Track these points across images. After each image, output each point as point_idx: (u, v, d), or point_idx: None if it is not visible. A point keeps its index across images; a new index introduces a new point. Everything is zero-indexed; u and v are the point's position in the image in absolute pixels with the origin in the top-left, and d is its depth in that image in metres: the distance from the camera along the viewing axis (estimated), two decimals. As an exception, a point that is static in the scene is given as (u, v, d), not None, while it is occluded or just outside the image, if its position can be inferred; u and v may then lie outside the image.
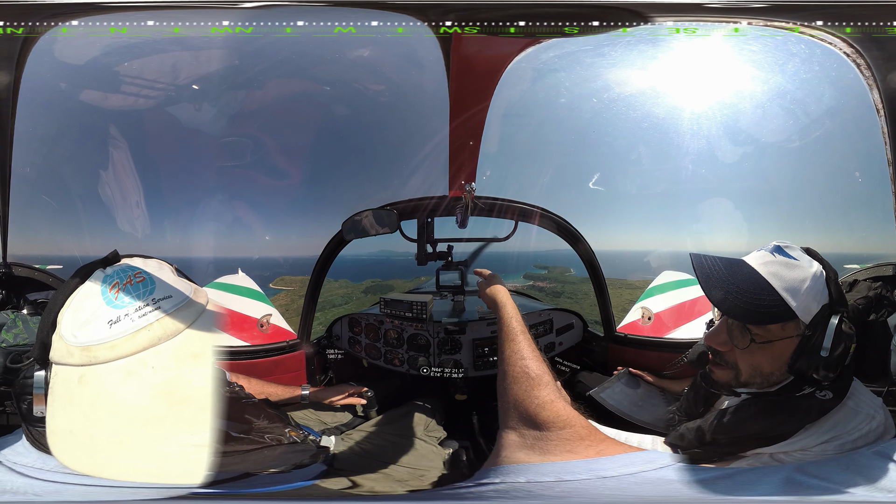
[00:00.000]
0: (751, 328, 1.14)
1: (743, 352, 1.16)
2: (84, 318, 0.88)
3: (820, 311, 1.10)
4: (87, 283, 0.93)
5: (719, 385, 1.27)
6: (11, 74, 1.64)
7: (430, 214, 2.20)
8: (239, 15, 1.55)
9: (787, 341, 1.12)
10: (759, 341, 1.13)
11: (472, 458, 1.84)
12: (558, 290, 4.12)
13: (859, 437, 1.10)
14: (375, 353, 2.47)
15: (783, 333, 1.12)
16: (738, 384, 1.21)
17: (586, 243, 2.51)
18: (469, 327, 2.31)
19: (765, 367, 1.16)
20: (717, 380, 1.26)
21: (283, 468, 1.29)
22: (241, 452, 1.27)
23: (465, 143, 2.01)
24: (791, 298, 1.10)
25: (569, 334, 2.63)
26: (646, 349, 2.40)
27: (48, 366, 0.91)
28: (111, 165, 2.28)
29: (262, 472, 1.23)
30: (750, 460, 1.20)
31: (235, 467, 1.17)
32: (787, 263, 1.13)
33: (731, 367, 1.20)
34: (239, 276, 3.02)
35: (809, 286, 1.10)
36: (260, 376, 2.36)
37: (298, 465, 1.35)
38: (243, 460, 1.26)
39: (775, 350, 1.13)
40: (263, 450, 1.35)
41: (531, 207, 2.35)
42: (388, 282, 14.07)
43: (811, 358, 1.09)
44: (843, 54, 1.37)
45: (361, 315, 2.57)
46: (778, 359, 1.13)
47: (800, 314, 1.10)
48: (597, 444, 1.06)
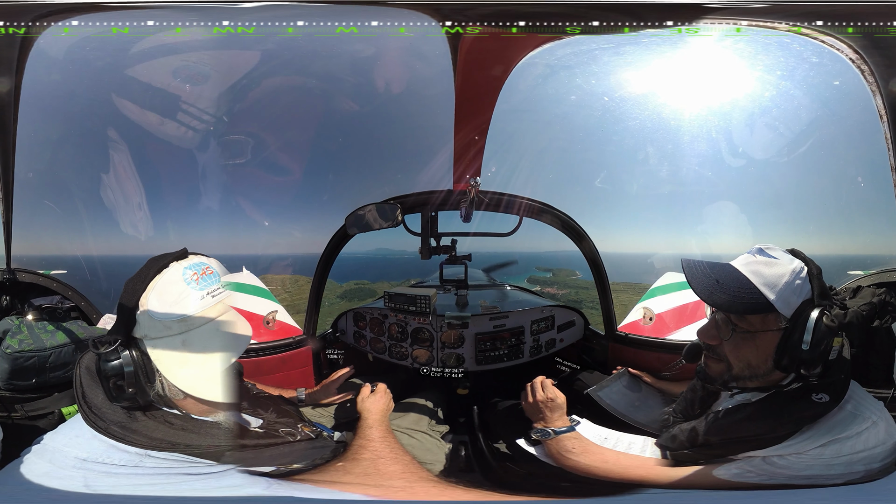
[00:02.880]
0: (733, 319, 1.23)
1: (730, 344, 1.25)
2: (172, 299, 1.17)
3: (801, 305, 1.17)
4: (168, 274, 1.19)
5: (714, 379, 1.34)
6: (12, 80, 1.65)
7: (434, 208, 2.21)
8: (244, 15, 1.56)
9: (770, 334, 1.19)
10: (740, 331, 1.23)
11: (470, 454, 1.86)
12: (572, 296, 4.04)
13: (858, 442, 1.11)
14: (380, 347, 2.50)
15: (764, 325, 1.20)
16: (730, 377, 1.29)
17: (590, 241, 2.52)
18: (472, 321, 2.33)
19: (751, 359, 1.23)
20: (711, 374, 1.34)
21: (304, 464, 1.32)
22: (260, 447, 1.33)
23: (470, 138, 2.02)
24: (769, 292, 1.17)
25: (570, 331, 2.64)
26: (646, 349, 2.41)
27: (133, 345, 1.15)
28: (112, 168, 2.31)
29: (283, 467, 1.27)
30: (741, 463, 1.21)
31: (255, 462, 1.24)
32: (767, 262, 1.21)
33: (723, 359, 1.29)
34: (244, 275, 3.04)
35: (788, 281, 1.17)
36: (267, 373, 2.40)
37: (318, 460, 1.37)
38: (262, 455, 1.31)
39: (759, 341, 1.21)
40: (281, 445, 1.38)
41: (536, 203, 2.36)
42: (374, 285, 13.93)
43: (794, 350, 1.15)
44: (848, 60, 1.37)
45: (366, 309, 2.59)
46: (763, 351, 1.21)
47: (779, 307, 1.17)
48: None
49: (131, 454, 1.10)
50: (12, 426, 1.87)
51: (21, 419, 1.99)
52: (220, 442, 1.19)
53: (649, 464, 1.37)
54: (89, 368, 1.19)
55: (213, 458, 1.14)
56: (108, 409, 1.14)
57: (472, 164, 2.16)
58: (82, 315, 2.42)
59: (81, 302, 2.45)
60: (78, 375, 1.20)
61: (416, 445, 1.78)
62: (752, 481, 1.18)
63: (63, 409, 2.08)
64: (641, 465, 1.37)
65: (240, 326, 1.28)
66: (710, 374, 1.35)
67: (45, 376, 2.07)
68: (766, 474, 1.18)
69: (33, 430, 1.95)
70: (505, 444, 1.85)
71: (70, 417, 1.98)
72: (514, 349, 2.41)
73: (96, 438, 1.12)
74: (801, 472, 1.15)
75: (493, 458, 1.77)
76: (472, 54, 1.75)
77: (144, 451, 1.11)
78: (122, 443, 1.11)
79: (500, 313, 2.40)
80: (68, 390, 2.10)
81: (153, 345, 1.16)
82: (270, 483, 1.10)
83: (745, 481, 1.18)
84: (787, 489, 1.14)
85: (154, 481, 1.06)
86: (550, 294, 5.36)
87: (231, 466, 1.13)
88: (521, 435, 1.59)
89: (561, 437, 1.47)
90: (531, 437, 1.55)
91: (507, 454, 1.79)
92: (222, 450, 1.18)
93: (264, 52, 1.99)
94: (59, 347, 2.12)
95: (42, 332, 2.13)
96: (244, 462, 1.17)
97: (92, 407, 1.15)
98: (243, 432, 1.33)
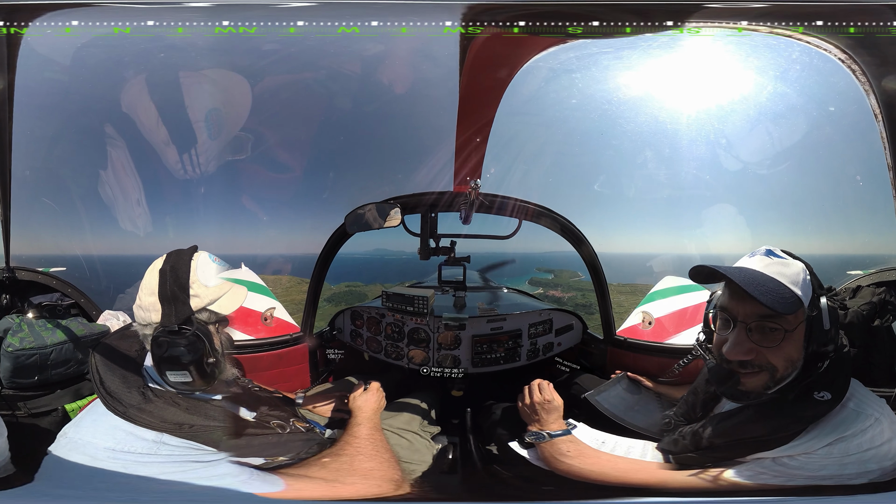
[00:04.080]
0: (776, 322, 1.24)
1: (777, 348, 1.25)
2: (213, 271, 1.46)
3: (813, 295, 1.26)
4: (200, 259, 1.43)
5: (756, 393, 1.29)
6: (6, 77, 1.67)
7: (434, 210, 2.22)
8: (243, 15, 1.58)
9: (801, 327, 1.25)
10: (788, 331, 1.24)
11: (457, 456, 1.84)
12: (579, 300, 3.97)
13: (864, 440, 1.13)
14: (376, 347, 2.49)
15: (797, 321, 1.25)
16: (774, 383, 1.27)
17: (589, 245, 2.51)
18: (469, 323, 2.32)
19: (794, 356, 1.25)
20: (751, 389, 1.29)
21: (290, 457, 1.36)
22: (250, 436, 1.39)
23: (472, 140, 2.03)
24: (796, 289, 1.24)
25: (568, 335, 2.63)
26: (645, 354, 2.40)
27: (190, 322, 1.34)
28: (111, 165, 2.32)
29: (269, 458, 1.32)
30: (752, 465, 1.22)
31: (245, 452, 1.31)
32: (783, 263, 1.28)
33: (765, 368, 1.26)
34: (242, 271, 3.04)
35: (803, 278, 1.27)
36: (264, 369, 2.39)
37: (305, 454, 1.40)
38: (252, 445, 1.36)
39: (796, 336, 1.25)
40: (269, 436, 1.42)
41: (536, 206, 2.36)
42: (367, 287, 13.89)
43: (819, 334, 1.23)
44: (838, 60, 1.38)
45: (363, 308, 2.59)
46: (799, 344, 1.25)
47: (805, 301, 1.25)
48: None
49: (148, 442, 1.22)
50: (17, 424, 1.92)
51: (25, 417, 1.99)
52: (216, 423, 1.31)
53: (651, 467, 1.36)
54: (104, 357, 1.34)
55: (211, 441, 1.26)
56: (125, 394, 1.27)
57: (473, 166, 2.17)
58: (82, 312, 2.43)
59: (81, 299, 2.46)
60: (94, 364, 1.33)
61: (406, 445, 1.77)
62: (767, 482, 1.19)
63: (66, 405, 2.08)
64: (643, 468, 1.36)
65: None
66: (749, 390, 1.30)
67: (47, 373, 2.08)
68: (784, 476, 1.18)
69: (38, 427, 1.98)
70: (497, 447, 1.83)
71: (74, 414, 2.03)
72: (511, 352, 2.39)
73: (119, 429, 1.23)
74: (817, 473, 1.16)
75: (479, 460, 1.76)
76: (479, 56, 1.77)
77: (160, 437, 1.23)
78: (140, 426, 1.23)
79: (498, 316, 2.39)
80: (70, 387, 2.11)
81: (217, 307, 1.42)
82: (253, 473, 1.17)
83: (760, 483, 1.20)
84: (809, 492, 1.15)
85: (169, 468, 1.19)
86: (555, 298, 5.29)
87: (223, 456, 1.23)
88: (515, 437, 1.58)
89: (556, 441, 1.45)
90: (525, 440, 1.53)
91: (495, 456, 1.77)
92: (218, 433, 1.28)
93: (265, 51, 2.01)
94: (60, 344, 2.12)
95: (43, 329, 2.13)
96: (235, 450, 1.25)
97: (111, 393, 1.27)
98: (237, 420, 1.39)
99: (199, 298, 1.38)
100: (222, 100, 2.19)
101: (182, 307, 1.34)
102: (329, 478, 1.26)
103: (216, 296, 1.43)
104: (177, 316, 1.33)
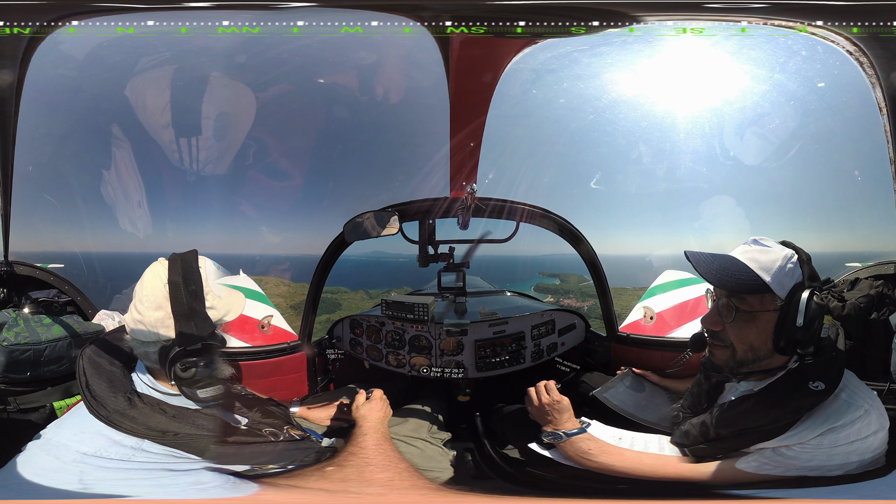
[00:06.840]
0: (735, 302, 1.31)
1: (733, 326, 1.32)
2: (218, 282, 1.40)
3: (794, 287, 1.27)
4: (207, 266, 1.37)
5: (720, 367, 1.41)
6: (14, 74, 1.65)
7: (431, 216, 2.20)
8: (244, 16, 1.56)
9: (768, 315, 1.28)
10: (742, 312, 1.30)
11: (478, 460, 1.83)
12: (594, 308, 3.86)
13: (851, 431, 1.15)
14: (377, 355, 2.47)
15: (762, 306, 1.29)
16: (735, 363, 1.35)
17: (588, 244, 2.51)
18: (471, 328, 2.31)
19: (753, 340, 1.31)
20: (717, 362, 1.41)
21: (284, 465, 1.34)
22: (240, 444, 1.36)
23: (465, 145, 2.01)
24: (765, 275, 1.27)
25: (571, 335, 2.63)
26: (649, 348, 2.40)
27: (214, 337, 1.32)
28: (114, 165, 2.29)
29: (263, 466, 1.30)
30: (756, 455, 1.24)
31: (235, 459, 1.28)
32: (761, 250, 1.32)
33: (727, 344, 1.35)
34: (240, 278, 3.01)
35: (780, 265, 1.27)
36: (261, 377, 2.37)
37: (301, 463, 1.38)
38: (242, 452, 1.33)
39: (759, 322, 1.29)
40: (261, 444, 1.39)
41: (533, 208, 2.35)
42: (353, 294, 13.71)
43: (789, 329, 1.24)
44: (845, 52, 1.38)
45: (363, 317, 2.56)
46: (763, 332, 1.29)
47: (774, 288, 1.27)
48: None
49: (126, 448, 1.17)
50: (5, 419, 1.91)
51: (14, 412, 1.96)
52: (205, 432, 1.26)
53: (673, 461, 1.39)
54: (92, 359, 1.29)
55: (197, 449, 1.22)
56: (110, 398, 1.22)
57: (469, 172, 2.15)
58: (78, 310, 2.41)
59: (78, 297, 2.45)
60: (81, 366, 1.27)
61: (416, 453, 1.74)
62: (772, 473, 1.21)
63: (55, 403, 2.05)
64: (667, 462, 1.40)
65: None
66: (716, 362, 1.42)
67: (40, 370, 2.05)
68: (783, 466, 1.21)
69: (26, 423, 1.96)
70: (517, 450, 1.82)
71: (61, 412, 2.01)
72: (515, 354, 2.38)
73: (99, 434, 1.18)
74: (807, 464, 1.18)
75: (506, 463, 1.74)
76: (463, 58, 1.75)
77: (139, 443, 1.18)
78: (121, 431, 1.18)
79: (500, 319, 2.37)
80: (61, 385, 2.08)
81: (228, 317, 1.39)
82: (237, 482, 1.15)
83: (766, 473, 1.22)
84: (804, 482, 1.17)
85: (142, 476, 1.13)
86: (572, 307, 5.24)
87: (205, 464, 1.19)
88: (530, 439, 1.58)
89: (574, 440, 1.46)
90: (543, 441, 1.53)
91: (521, 460, 1.76)
92: (205, 441, 1.25)
93: (266, 59, 1.98)
94: (55, 342, 2.09)
95: (38, 325, 2.11)
96: (222, 458, 1.23)
97: (96, 396, 1.22)
98: (227, 428, 1.36)
99: (215, 311, 1.34)
100: (225, 102, 2.15)
101: (203, 322, 1.29)
102: (332, 488, 1.22)
103: (229, 307, 1.39)
104: (199, 333, 1.27)
